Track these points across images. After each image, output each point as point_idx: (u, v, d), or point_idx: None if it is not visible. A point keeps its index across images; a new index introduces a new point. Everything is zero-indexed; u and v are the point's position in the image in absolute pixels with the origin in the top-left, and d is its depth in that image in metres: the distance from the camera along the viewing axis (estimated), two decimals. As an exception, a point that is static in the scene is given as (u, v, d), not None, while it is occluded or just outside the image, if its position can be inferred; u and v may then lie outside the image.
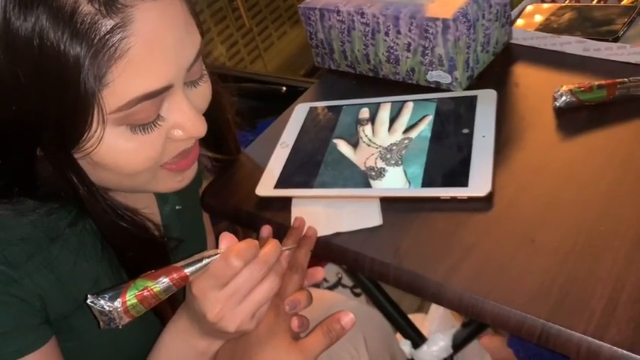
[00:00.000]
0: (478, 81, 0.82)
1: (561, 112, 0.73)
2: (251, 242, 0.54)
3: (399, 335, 0.90)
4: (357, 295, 1.40)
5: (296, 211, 0.70)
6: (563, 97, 0.72)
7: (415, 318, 0.92)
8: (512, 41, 0.88)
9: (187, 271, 0.51)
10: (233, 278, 0.53)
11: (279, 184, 0.74)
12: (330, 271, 1.46)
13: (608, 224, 0.59)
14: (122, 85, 0.47)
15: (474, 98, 0.77)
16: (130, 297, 0.49)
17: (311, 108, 0.86)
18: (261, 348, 0.57)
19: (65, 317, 0.57)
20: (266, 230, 0.66)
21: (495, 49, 0.85)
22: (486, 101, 0.76)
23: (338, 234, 0.66)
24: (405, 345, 0.87)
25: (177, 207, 0.71)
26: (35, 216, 0.54)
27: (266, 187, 0.74)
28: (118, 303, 0.49)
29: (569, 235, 0.59)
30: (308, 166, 0.75)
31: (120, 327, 0.51)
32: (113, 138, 0.50)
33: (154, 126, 0.51)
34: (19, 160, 0.52)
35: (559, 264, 0.56)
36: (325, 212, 0.69)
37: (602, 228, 0.58)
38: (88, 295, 0.49)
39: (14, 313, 0.52)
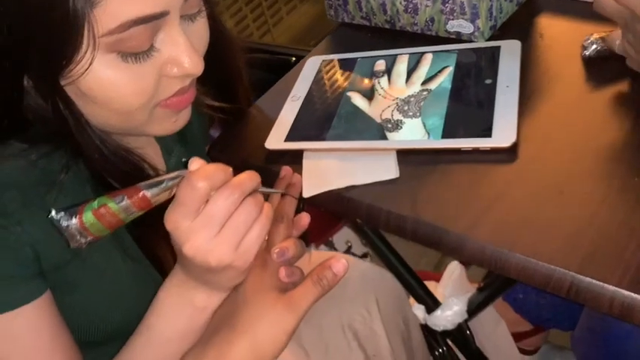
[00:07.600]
0: (501, 32, 0.78)
1: (590, 62, 0.69)
2: (220, 165, 0.48)
3: (412, 300, 0.87)
4: (366, 264, 1.37)
5: (308, 164, 0.66)
6: (594, 46, 0.67)
7: (428, 285, 0.89)
8: (538, -8, 0.83)
9: (147, 192, 0.47)
10: (204, 205, 0.48)
11: (290, 137, 0.70)
12: (339, 240, 1.43)
13: (643, 176, 0.55)
14: (115, 5, 0.44)
15: (497, 49, 0.73)
16: (87, 214, 0.46)
17: (323, 61, 0.82)
18: (246, 305, 0.52)
19: (59, 268, 0.54)
20: (284, 171, 0.64)
21: (520, 0, 0.80)
22: (510, 52, 0.72)
23: (352, 187, 0.63)
24: (419, 310, 0.84)
25: (182, 159, 0.67)
26: (26, 161, 0.52)
27: (276, 140, 0.70)
28: (75, 219, 0.46)
29: (599, 187, 0.55)
30: (320, 119, 0.71)
31: (84, 246, 0.47)
32: (103, 66, 0.47)
33: (147, 57, 0.49)
34: (6, 90, 0.49)
35: (590, 216, 0.52)
36: (338, 165, 0.65)
37: (637, 179, 0.55)
38: (52, 210, 0.46)
39: (4, 262, 0.50)
